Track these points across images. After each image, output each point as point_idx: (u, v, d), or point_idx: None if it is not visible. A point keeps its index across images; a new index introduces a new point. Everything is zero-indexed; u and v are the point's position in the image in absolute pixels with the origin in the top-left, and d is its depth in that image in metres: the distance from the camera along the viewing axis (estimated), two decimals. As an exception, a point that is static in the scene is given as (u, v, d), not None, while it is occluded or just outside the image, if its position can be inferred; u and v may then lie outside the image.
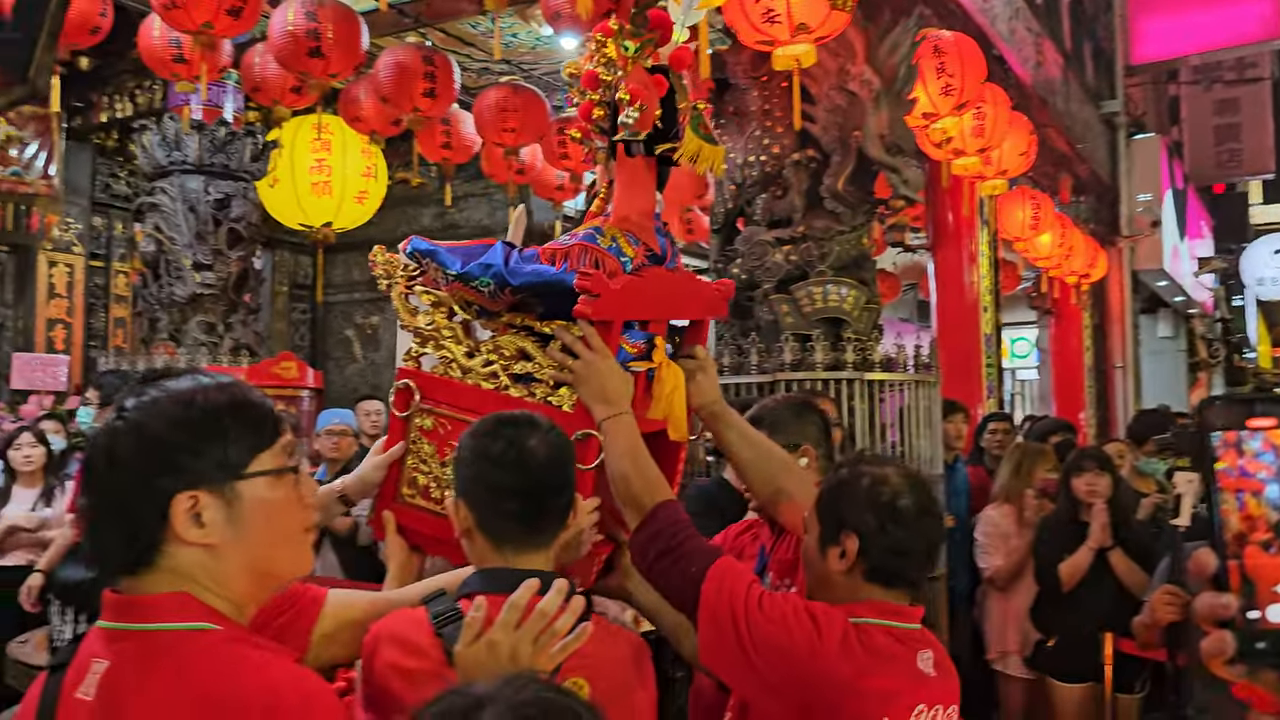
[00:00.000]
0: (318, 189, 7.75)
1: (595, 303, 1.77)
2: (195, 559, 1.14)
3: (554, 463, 1.57)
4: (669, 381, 1.92)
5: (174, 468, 1.12)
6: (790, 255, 4.56)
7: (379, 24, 6.24)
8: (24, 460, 4.66)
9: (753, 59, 4.63)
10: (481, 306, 1.94)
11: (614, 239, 1.89)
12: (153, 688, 1.12)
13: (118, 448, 1.14)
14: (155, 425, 1.13)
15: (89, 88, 7.84)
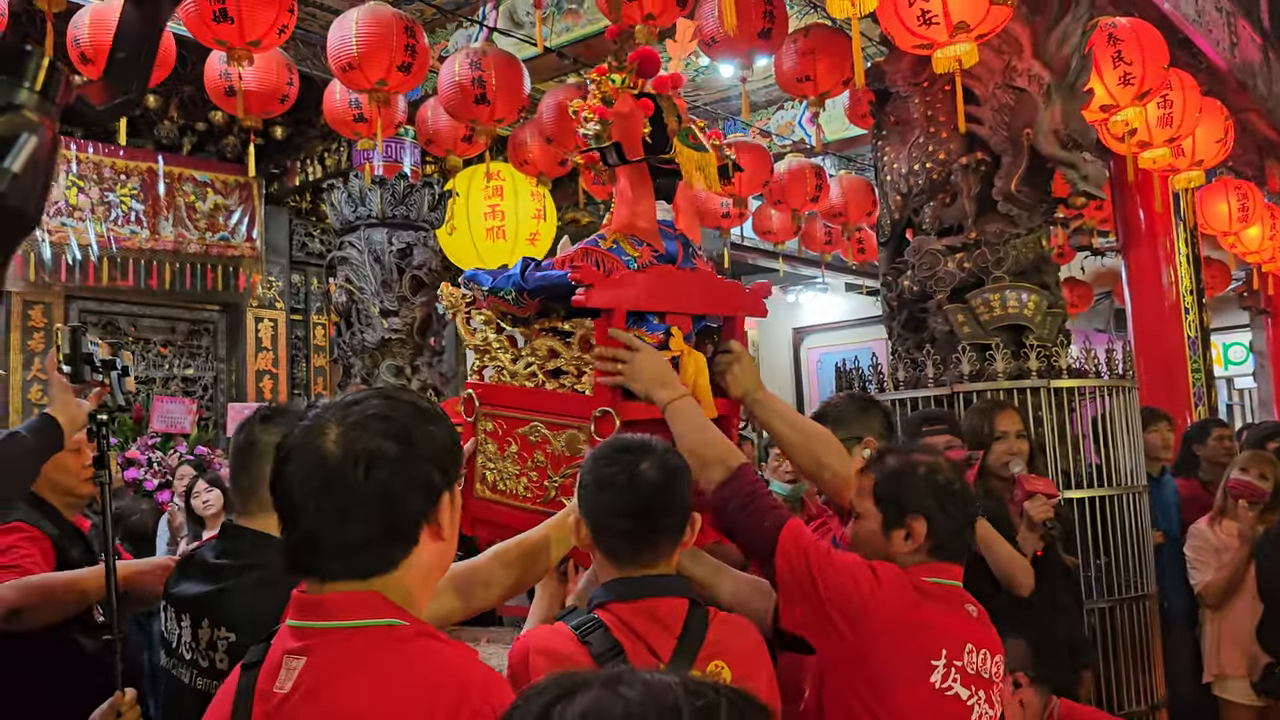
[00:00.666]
0: (492, 233, 8.04)
1: (589, 293, 2.00)
2: (430, 548, 1.30)
3: (664, 486, 1.69)
4: (690, 368, 2.15)
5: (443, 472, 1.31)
6: (963, 263, 4.38)
7: (540, 69, 6.46)
8: (203, 505, 4.91)
9: (912, 65, 4.50)
10: (514, 315, 2.23)
11: (616, 242, 2.13)
12: (351, 679, 1.19)
13: (383, 454, 1.23)
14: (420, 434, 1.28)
15: (283, 155, 8.44)
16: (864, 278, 10.77)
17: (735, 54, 4.87)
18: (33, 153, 0.97)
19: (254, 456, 1.98)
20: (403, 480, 1.25)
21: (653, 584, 1.69)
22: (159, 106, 7.58)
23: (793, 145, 7.92)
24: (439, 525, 1.30)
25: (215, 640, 1.82)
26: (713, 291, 2.34)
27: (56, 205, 7.23)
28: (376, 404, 1.29)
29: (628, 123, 2.16)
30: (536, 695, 0.75)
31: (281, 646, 1.27)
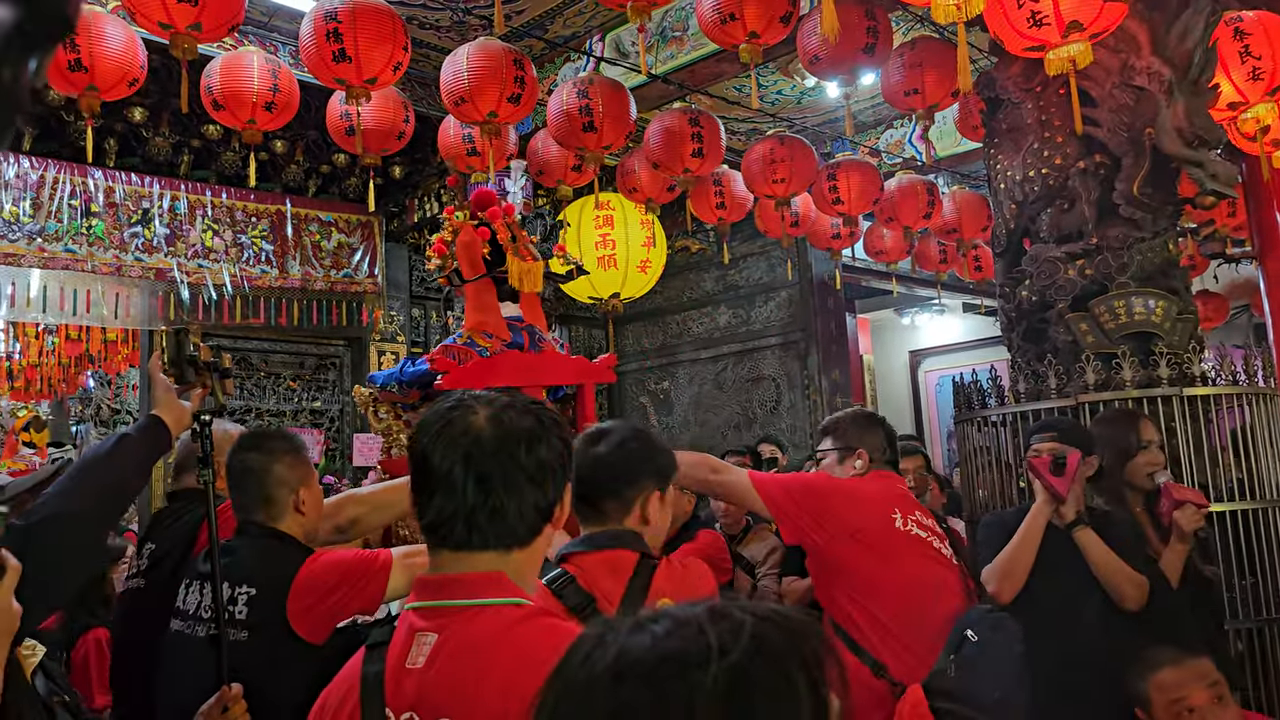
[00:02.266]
0: (603, 262, 8.15)
1: (444, 378, 2.76)
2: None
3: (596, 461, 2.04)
4: None
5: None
6: (1085, 270, 4.23)
7: (647, 97, 6.56)
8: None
9: (1023, 69, 4.40)
10: (404, 403, 2.94)
11: (470, 338, 2.87)
12: (482, 654, 1.27)
13: (536, 434, 1.36)
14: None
15: (402, 193, 8.74)
16: (981, 297, 10.49)
17: (839, 70, 4.84)
18: None
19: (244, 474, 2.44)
20: (551, 460, 1.36)
21: (606, 538, 2.02)
22: (285, 151, 7.95)
23: (903, 163, 7.81)
24: (561, 512, 1.40)
25: (235, 596, 2.27)
26: (558, 366, 3.09)
27: (194, 248, 7.64)
28: (507, 397, 1.40)
29: (470, 248, 2.96)
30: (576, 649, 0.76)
31: (409, 625, 1.35)
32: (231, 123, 5.05)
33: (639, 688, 0.69)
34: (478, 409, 1.34)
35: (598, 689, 0.70)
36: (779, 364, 9.65)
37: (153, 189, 7.50)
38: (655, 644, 0.71)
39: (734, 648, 0.69)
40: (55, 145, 7.28)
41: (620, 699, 0.69)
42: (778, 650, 0.71)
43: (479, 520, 1.31)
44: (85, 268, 7.19)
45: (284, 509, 2.42)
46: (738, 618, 0.72)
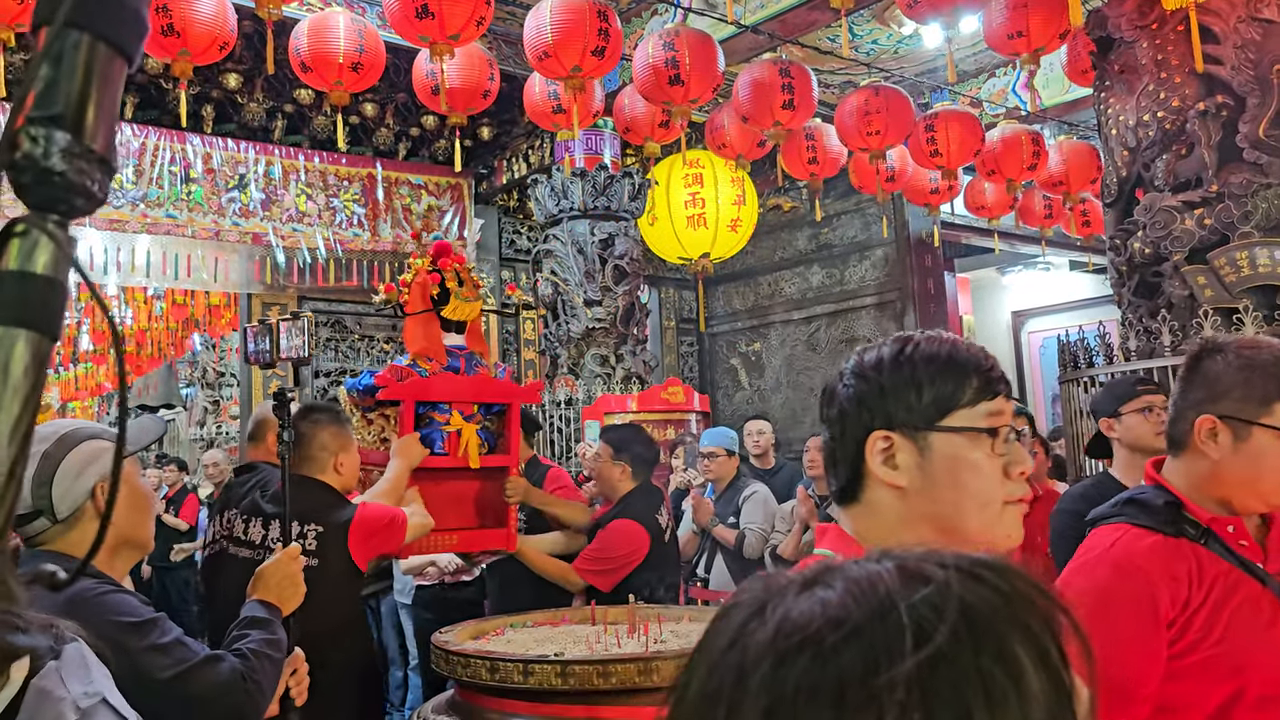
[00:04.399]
0: (693, 222, 8.04)
1: (384, 391, 3.43)
2: (887, 499, 1.18)
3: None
4: (465, 434, 3.57)
5: (871, 407, 1.18)
6: (1204, 219, 3.96)
7: (736, 50, 6.37)
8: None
9: (1139, 5, 4.13)
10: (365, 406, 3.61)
11: (414, 360, 3.56)
12: None
13: (842, 388, 1.24)
14: (866, 367, 1.22)
15: (490, 155, 8.73)
16: (1089, 254, 10.05)
17: (939, 13, 4.61)
18: None
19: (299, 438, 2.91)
20: (845, 416, 1.30)
21: None
22: (375, 114, 8.00)
23: (1006, 113, 7.47)
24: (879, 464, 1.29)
25: (304, 532, 2.87)
26: (488, 387, 3.68)
27: (288, 212, 7.76)
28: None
29: (421, 288, 3.58)
30: (727, 615, 0.59)
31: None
32: (319, 85, 5.07)
33: (804, 673, 0.52)
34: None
35: (751, 671, 0.54)
36: (874, 325, 9.41)
37: (248, 154, 7.63)
38: (826, 617, 0.53)
39: (936, 629, 0.51)
40: (155, 113, 7.45)
41: (778, 689, 0.52)
42: (998, 626, 0.53)
43: (834, 478, 1.27)
44: (186, 233, 7.36)
45: (325, 467, 3.06)
46: (938, 578, 0.54)
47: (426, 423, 3.56)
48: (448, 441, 3.54)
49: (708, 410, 7.50)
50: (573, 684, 2.58)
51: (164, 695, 1.66)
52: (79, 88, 0.57)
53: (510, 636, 3.22)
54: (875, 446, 1.17)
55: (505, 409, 3.71)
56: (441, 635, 3.06)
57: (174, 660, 1.70)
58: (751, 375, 10.45)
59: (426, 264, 3.65)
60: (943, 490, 1.16)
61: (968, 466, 1.15)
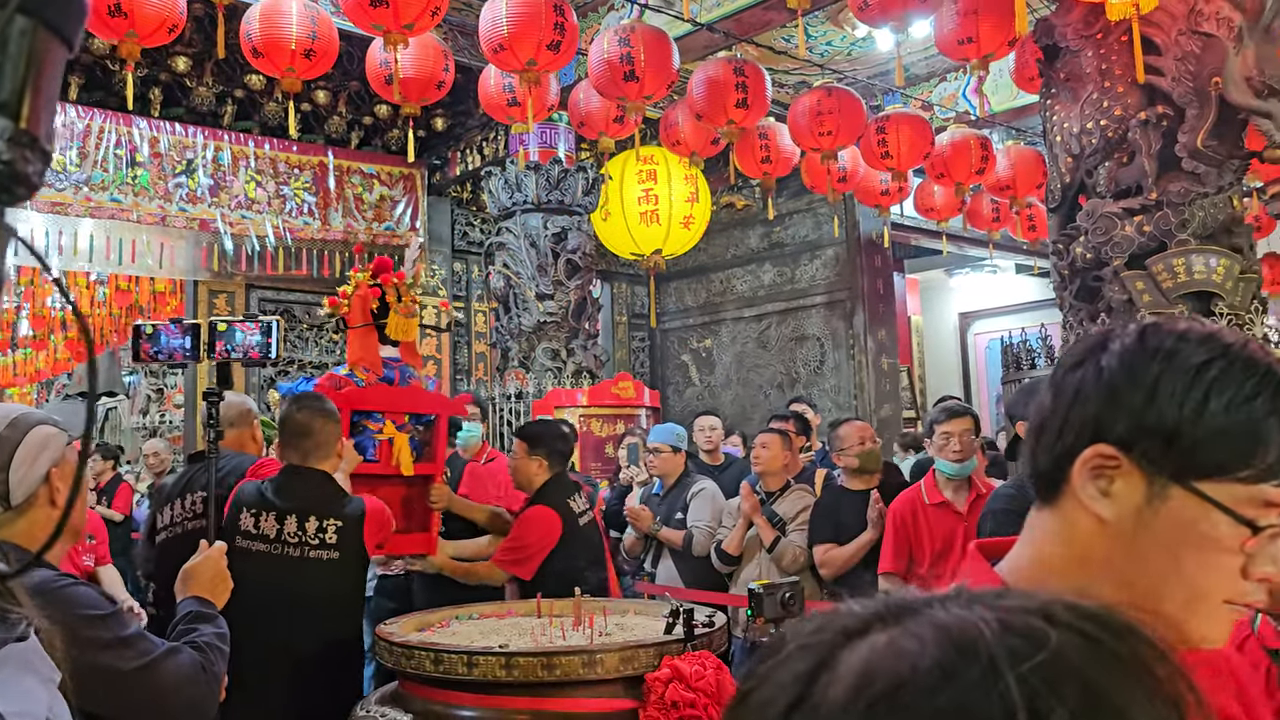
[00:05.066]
0: (646, 218, 8.06)
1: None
2: (1083, 521, 0.88)
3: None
4: (398, 443, 3.75)
5: (1116, 409, 0.86)
6: (1143, 226, 4.07)
7: (692, 47, 6.40)
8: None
9: (1084, 15, 4.22)
10: None
11: (351, 371, 3.78)
12: None
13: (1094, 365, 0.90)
14: (1139, 357, 0.86)
15: (444, 146, 8.68)
16: (1035, 257, 10.23)
17: (890, 17, 4.66)
18: None
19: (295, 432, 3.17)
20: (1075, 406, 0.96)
21: None
22: (328, 102, 7.91)
23: (956, 117, 7.59)
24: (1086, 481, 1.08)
25: (324, 526, 3.08)
26: (419, 399, 3.93)
27: (237, 199, 7.65)
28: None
29: (361, 301, 3.81)
30: (793, 656, 0.50)
31: None
32: (271, 71, 5.01)
33: None
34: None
35: None
36: (824, 323, 9.51)
37: (196, 139, 7.51)
38: (917, 677, 0.45)
39: (1052, 710, 0.44)
40: (101, 95, 7.30)
41: None
42: (1119, 704, 0.45)
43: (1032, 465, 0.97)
44: (131, 218, 7.23)
45: (328, 457, 3.21)
46: (1050, 643, 0.46)
47: (361, 430, 3.76)
48: (379, 449, 3.77)
49: (658, 406, 7.54)
50: (517, 676, 2.58)
51: (129, 686, 1.68)
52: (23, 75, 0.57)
53: (455, 628, 3.22)
54: (1091, 459, 0.86)
55: (434, 419, 3.92)
56: (386, 627, 3.05)
57: (138, 653, 1.71)
58: (702, 371, 10.51)
59: (367, 278, 3.88)
60: (1155, 555, 0.85)
61: (1202, 547, 0.84)
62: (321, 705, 2.97)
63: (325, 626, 3.04)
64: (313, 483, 3.15)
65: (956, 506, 3.83)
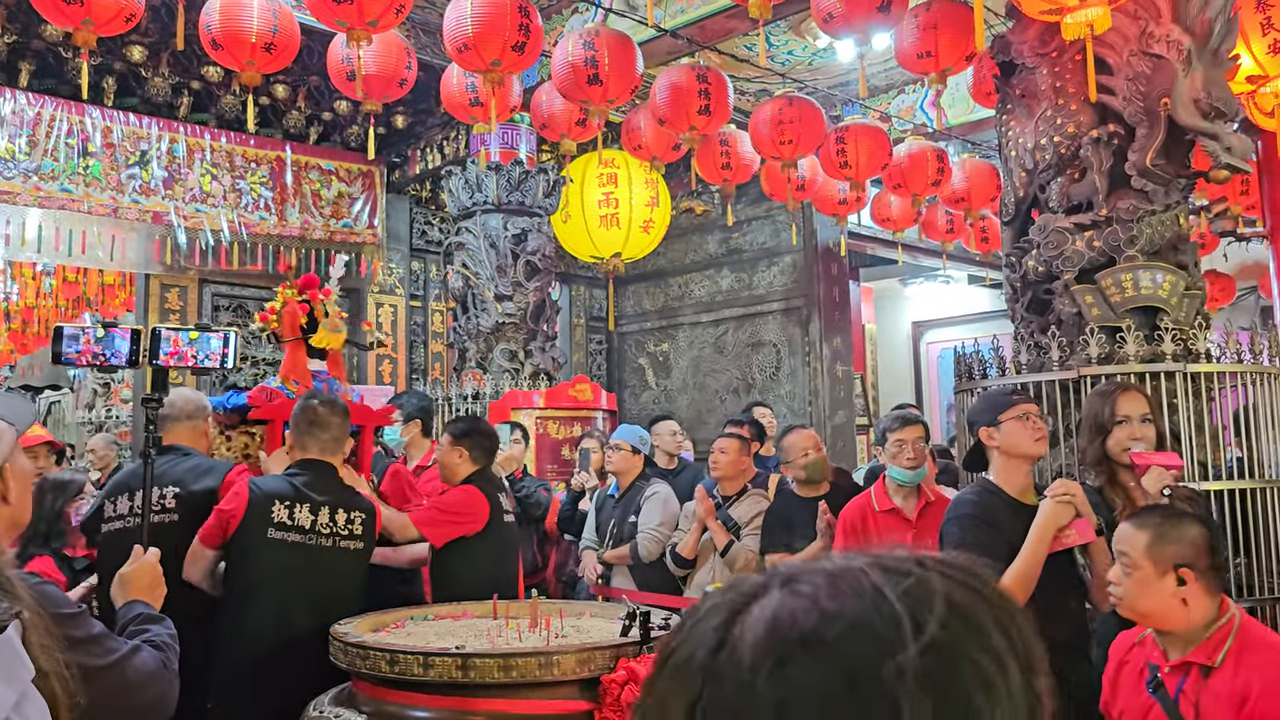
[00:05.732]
0: (606, 221, 8.07)
1: (255, 411, 3.87)
2: None
3: None
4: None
5: None
6: (1093, 241, 4.15)
7: (655, 53, 6.43)
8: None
9: (1039, 33, 4.30)
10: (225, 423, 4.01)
11: (282, 383, 3.99)
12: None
13: None
14: None
15: (404, 144, 8.63)
16: (987, 269, 10.41)
17: (853, 28, 4.73)
18: None
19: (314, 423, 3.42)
20: None
21: None
22: (287, 96, 7.83)
23: (914, 129, 7.69)
24: None
25: (351, 518, 3.34)
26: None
27: (191, 192, 7.54)
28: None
29: (291, 316, 4.04)
30: (705, 615, 0.58)
31: None
32: (230, 64, 4.96)
33: (810, 669, 0.52)
34: None
35: (754, 673, 0.53)
36: (780, 330, 9.58)
37: (151, 130, 7.39)
38: (821, 612, 0.54)
39: (928, 618, 0.53)
40: (53, 82, 7.17)
41: (786, 689, 0.52)
42: (979, 620, 0.55)
43: None
44: (82, 209, 7.10)
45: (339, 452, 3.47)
46: (917, 573, 0.56)
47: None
48: None
49: (615, 409, 7.55)
50: (473, 677, 2.59)
51: (98, 683, 1.69)
52: None
53: (410, 629, 3.21)
54: None
55: (360, 429, 4.20)
56: (340, 627, 3.04)
57: (105, 650, 1.75)
58: (659, 375, 10.54)
59: (295, 294, 4.15)
60: None
61: None
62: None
63: (350, 612, 3.20)
64: (333, 476, 3.39)
65: (906, 513, 3.89)
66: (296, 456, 3.44)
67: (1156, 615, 2.23)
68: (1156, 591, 2.21)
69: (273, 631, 3.18)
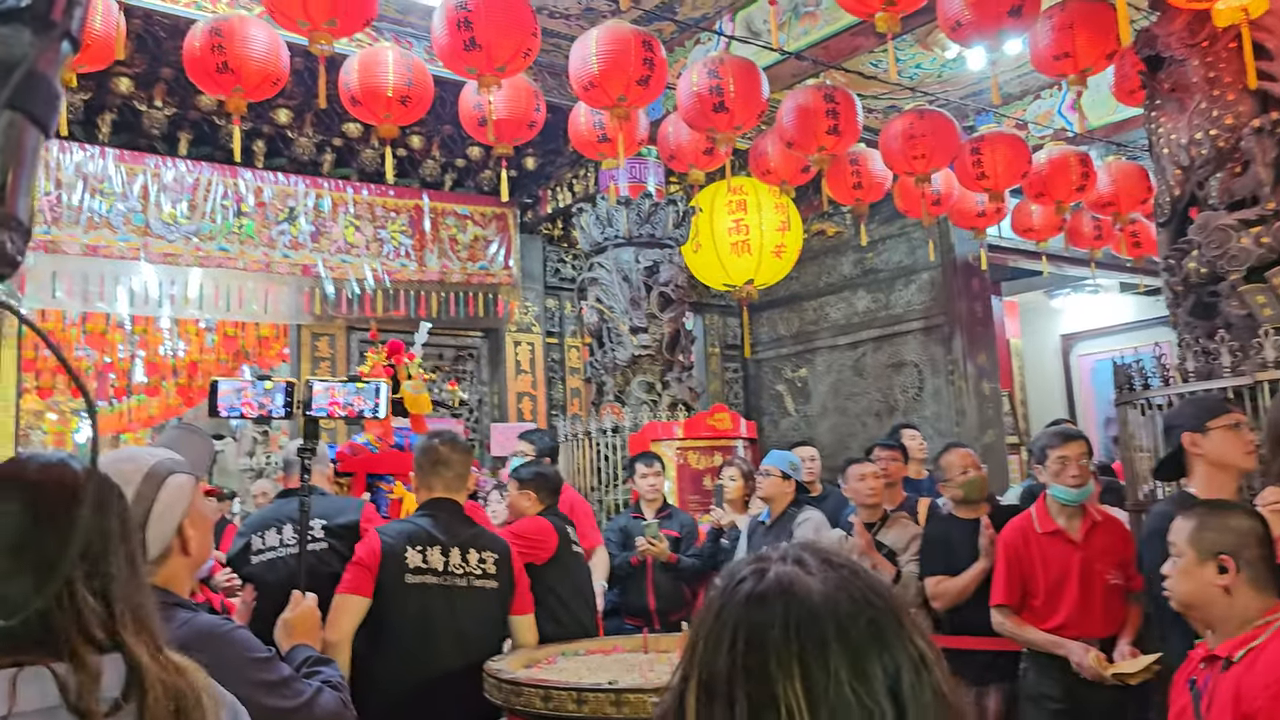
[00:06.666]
0: (737, 248, 8.04)
1: (342, 464, 4.14)
2: None
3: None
4: (407, 500, 4.19)
5: None
6: (1261, 237, 3.88)
7: (780, 76, 6.40)
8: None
9: (1188, 23, 4.08)
10: (339, 471, 4.27)
11: (367, 440, 4.34)
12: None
13: None
14: None
15: (535, 184, 8.82)
16: (1140, 275, 9.90)
17: (983, 36, 4.58)
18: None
19: (438, 462, 3.37)
20: None
21: None
22: (422, 146, 8.11)
23: (1053, 134, 7.41)
24: None
25: (484, 558, 3.29)
26: None
27: (336, 244, 7.88)
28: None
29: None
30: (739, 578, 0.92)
31: None
32: (368, 118, 5.15)
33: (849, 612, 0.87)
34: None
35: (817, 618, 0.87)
36: (921, 349, 9.33)
37: (298, 188, 7.77)
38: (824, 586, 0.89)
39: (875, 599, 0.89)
40: (209, 149, 7.62)
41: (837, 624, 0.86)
42: (898, 602, 0.91)
43: None
44: (237, 266, 7.50)
45: (461, 489, 3.43)
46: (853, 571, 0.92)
47: (375, 490, 4.47)
48: (391, 506, 4.42)
49: (755, 437, 7.47)
50: (627, 712, 2.56)
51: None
52: (8, 163, 0.61)
53: (562, 665, 3.21)
54: None
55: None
56: (494, 663, 3.06)
57: (295, 693, 1.85)
58: (797, 401, 10.39)
59: (383, 359, 4.59)
60: None
61: None
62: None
63: (487, 652, 3.23)
64: (459, 515, 3.39)
65: (1070, 535, 3.68)
66: (423, 496, 3.45)
67: (1199, 605, 2.20)
68: (1197, 578, 2.18)
69: (418, 673, 3.19)
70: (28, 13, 0.60)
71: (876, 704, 0.83)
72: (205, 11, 5.87)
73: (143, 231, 7.16)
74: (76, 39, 0.62)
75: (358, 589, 3.20)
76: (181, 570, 1.78)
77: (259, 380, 2.84)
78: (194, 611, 1.77)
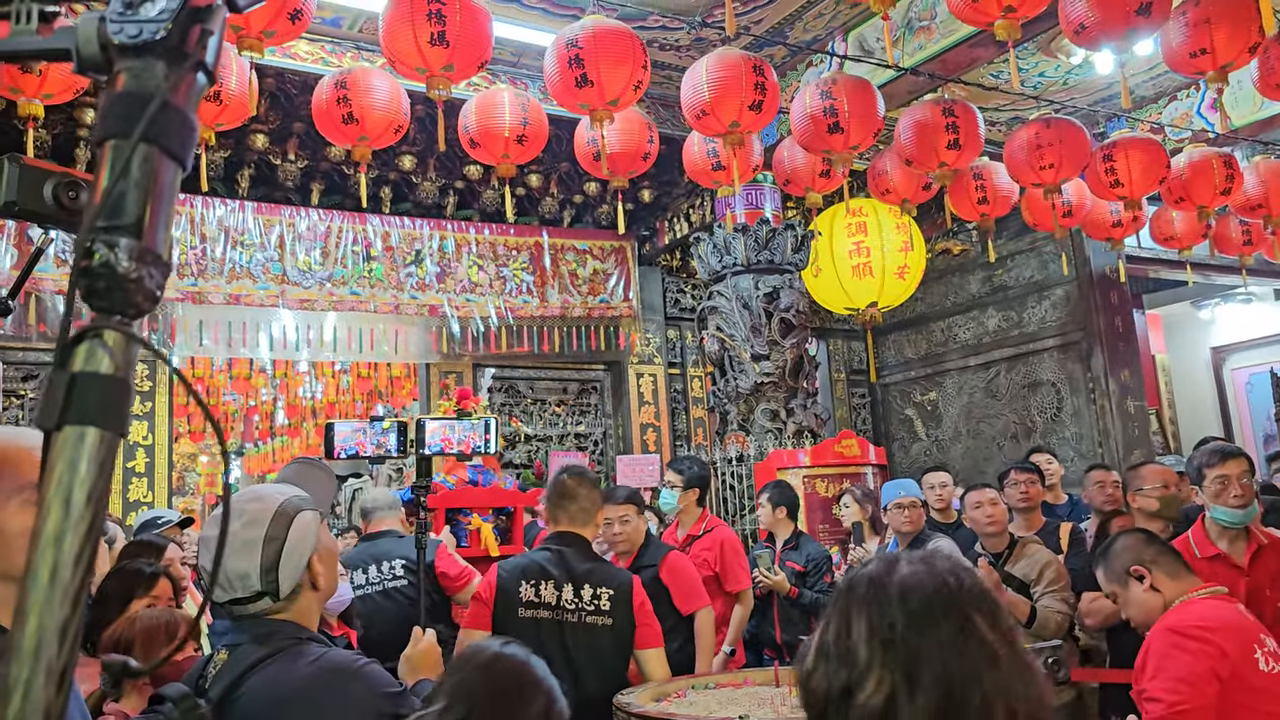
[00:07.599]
0: (858, 271, 7.89)
1: (427, 501, 3.62)
2: None
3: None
4: (484, 532, 5.05)
5: None
6: None
7: (896, 94, 6.27)
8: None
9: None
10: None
11: (444, 478, 5.19)
12: None
13: None
14: None
15: (652, 217, 8.86)
16: None
17: (1110, 37, 4.39)
18: None
19: (564, 495, 3.35)
20: None
21: None
22: (540, 185, 8.26)
23: (1192, 136, 7.04)
24: None
25: (598, 594, 3.22)
26: (499, 496, 5.31)
27: (461, 283, 8.07)
28: None
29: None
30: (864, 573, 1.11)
31: None
32: (487, 159, 5.27)
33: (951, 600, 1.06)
34: None
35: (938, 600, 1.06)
36: (1058, 367, 8.95)
37: (423, 231, 8.00)
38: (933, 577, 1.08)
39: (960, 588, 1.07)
40: (339, 198, 7.92)
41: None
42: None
43: None
44: (368, 308, 7.75)
45: (588, 523, 3.39)
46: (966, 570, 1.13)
47: (455, 523, 4.96)
48: (470, 536, 4.98)
49: (884, 463, 7.27)
50: (759, 749, 2.48)
51: None
52: (146, 198, 0.61)
53: (692, 698, 3.15)
54: None
55: (513, 510, 5.27)
56: (624, 697, 3.02)
57: None
58: (928, 425, 10.10)
59: (453, 405, 5.10)
60: None
61: None
62: None
63: (601, 687, 3.18)
64: (581, 550, 3.35)
65: (1234, 559, 3.43)
66: (550, 530, 3.48)
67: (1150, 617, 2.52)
68: (1134, 600, 2.59)
69: None
70: (160, 45, 0.62)
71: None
72: (331, 67, 6.11)
73: (280, 279, 7.47)
74: (210, 70, 0.64)
75: (478, 624, 3.26)
76: (312, 605, 1.82)
77: (374, 421, 2.94)
78: (326, 646, 1.80)
